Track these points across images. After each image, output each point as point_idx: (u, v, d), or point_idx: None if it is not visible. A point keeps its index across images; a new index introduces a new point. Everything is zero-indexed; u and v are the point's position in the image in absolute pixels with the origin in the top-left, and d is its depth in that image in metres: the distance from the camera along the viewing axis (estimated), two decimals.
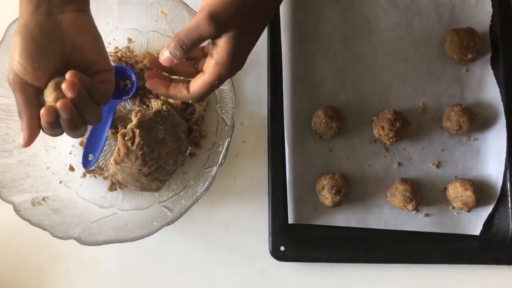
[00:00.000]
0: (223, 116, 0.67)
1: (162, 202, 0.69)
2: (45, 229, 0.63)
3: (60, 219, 0.65)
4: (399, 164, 0.69)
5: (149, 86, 0.55)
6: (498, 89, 0.68)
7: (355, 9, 0.72)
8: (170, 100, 0.68)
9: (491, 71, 0.69)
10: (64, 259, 0.71)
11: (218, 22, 0.48)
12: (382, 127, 0.66)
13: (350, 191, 0.68)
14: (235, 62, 0.51)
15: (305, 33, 0.71)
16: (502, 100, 0.68)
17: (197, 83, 0.52)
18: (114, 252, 0.70)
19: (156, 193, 0.69)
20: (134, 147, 0.62)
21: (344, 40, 0.71)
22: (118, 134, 0.62)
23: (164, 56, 0.51)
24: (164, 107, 0.66)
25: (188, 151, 0.70)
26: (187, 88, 0.53)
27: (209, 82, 0.51)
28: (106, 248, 0.66)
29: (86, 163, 0.71)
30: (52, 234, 0.62)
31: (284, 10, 0.71)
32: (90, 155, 0.71)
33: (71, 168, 0.72)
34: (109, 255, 0.71)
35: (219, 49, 0.49)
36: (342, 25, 0.71)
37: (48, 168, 0.71)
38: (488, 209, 0.67)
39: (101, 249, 0.65)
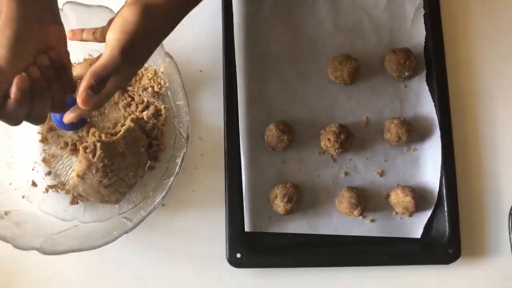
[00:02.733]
0: (180, 130, 0.71)
1: (122, 213, 0.71)
2: (7, 241, 0.65)
3: (22, 232, 0.67)
4: (346, 173, 0.74)
5: None
6: (433, 103, 0.74)
7: (303, 31, 0.77)
8: (133, 115, 0.72)
9: (427, 87, 0.75)
10: (27, 272, 0.73)
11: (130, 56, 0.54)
12: (329, 139, 0.71)
13: (301, 199, 0.72)
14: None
15: (257, 53, 0.76)
16: (436, 113, 0.73)
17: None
18: (76, 263, 0.72)
19: (117, 205, 0.72)
20: (95, 159, 0.64)
21: (293, 59, 0.76)
22: (80, 147, 0.65)
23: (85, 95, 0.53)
24: (131, 124, 0.69)
25: (148, 164, 0.73)
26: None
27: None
28: (69, 260, 0.68)
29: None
30: (14, 245, 0.64)
31: (237, 32, 0.75)
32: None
33: (34, 184, 0.73)
34: (72, 267, 0.73)
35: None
36: (291, 46, 0.77)
37: (10, 184, 0.72)
38: (428, 214, 0.72)
39: (64, 261, 0.68)
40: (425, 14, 0.76)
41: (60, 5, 0.68)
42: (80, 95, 0.53)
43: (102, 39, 0.58)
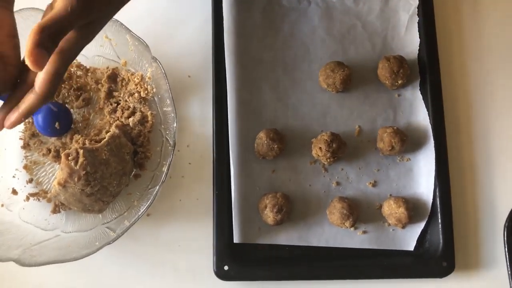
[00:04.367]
0: (167, 137, 0.69)
1: (105, 223, 0.69)
2: None
3: (0, 242, 0.64)
4: (338, 183, 0.72)
5: None
6: (426, 112, 0.72)
7: (295, 38, 0.75)
8: (118, 122, 0.70)
9: (420, 96, 0.73)
10: (5, 283, 0.70)
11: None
12: (320, 148, 0.69)
13: (291, 210, 0.70)
14: None
15: (249, 60, 0.74)
16: (430, 122, 0.72)
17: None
18: (57, 275, 0.70)
19: (100, 215, 0.69)
20: (78, 167, 0.62)
21: (285, 66, 0.74)
22: (62, 154, 0.63)
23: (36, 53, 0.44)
24: (116, 130, 0.67)
25: (133, 172, 0.71)
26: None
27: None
28: (49, 272, 0.66)
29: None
30: None
31: (228, 38, 0.74)
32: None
33: (14, 192, 0.71)
34: (52, 279, 0.70)
35: None
36: (283, 53, 0.75)
37: None
38: (421, 226, 0.70)
39: (44, 273, 0.65)
40: (419, 22, 0.75)
41: (43, 7, 0.66)
42: (29, 53, 0.43)
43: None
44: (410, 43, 0.75)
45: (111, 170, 0.65)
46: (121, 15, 0.67)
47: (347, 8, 0.77)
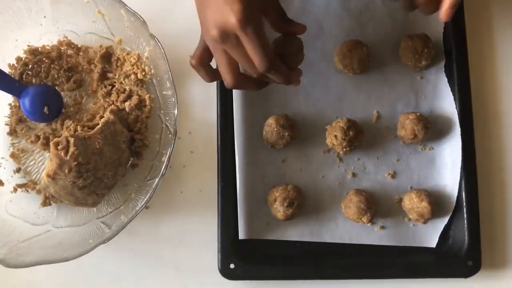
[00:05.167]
0: (167, 124, 0.64)
1: (100, 217, 0.64)
2: None
3: None
4: (354, 174, 0.67)
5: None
6: (452, 97, 0.67)
7: (308, 13, 0.70)
8: (113, 106, 0.64)
9: (445, 79, 0.68)
10: None
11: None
12: (335, 136, 0.64)
13: (303, 203, 0.65)
14: None
15: None
16: (456, 108, 0.67)
17: None
18: (50, 273, 0.65)
19: (94, 208, 0.64)
20: (68, 157, 0.57)
21: None
22: (50, 143, 0.57)
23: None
24: (111, 116, 0.62)
25: (130, 162, 0.66)
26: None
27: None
28: (41, 270, 0.61)
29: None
30: None
31: None
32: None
33: (0, 183, 0.66)
34: (43, 277, 0.66)
35: None
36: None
37: None
38: (444, 221, 0.66)
39: (35, 270, 0.60)
40: None
41: None
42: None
43: None
44: (435, 21, 0.69)
45: (106, 160, 0.60)
46: None
47: None
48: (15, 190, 0.66)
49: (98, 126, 0.60)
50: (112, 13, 0.65)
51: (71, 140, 0.57)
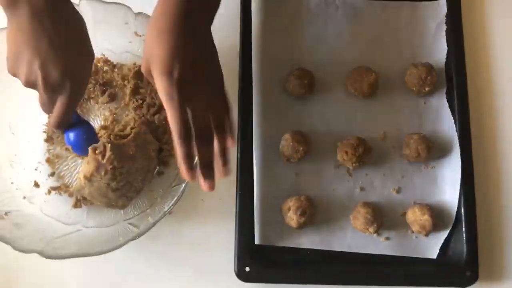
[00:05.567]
0: None
1: (127, 219, 0.68)
2: (6, 243, 0.61)
3: (22, 234, 0.64)
4: (362, 188, 0.71)
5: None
6: (453, 121, 0.72)
7: (321, 42, 0.75)
8: (144, 118, 0.69)
9: (447, 104, 0.73)
10: (26, 275, 0.70)
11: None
12: (346, 152, 0.69)
13: (315, 213, 0.69)
14: None
15: (275, 60, 0.74)
16: (456, 131, 0.72)
17: None
18: (76, 269, 0.69)
19: (122, 211, 0.69)
20: (105, 161, 0.62)
21: (310, 69, 0.74)
22: (89, 148, 0.62)
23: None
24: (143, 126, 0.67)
25: (156, 169, 0.70)
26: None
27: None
28: (68, 267, 0.65)
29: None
30: (13, 247, 0.61)
31: (255, 38, 0.74)
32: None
33: (36, 184, 0.71)
34: (72, 273, 0.70)
35: None
36: (309, 55, 0.75)
37: (12, 183, 0.70)
38: (444, 234, 0.69)
39: (63, 266, 0.65)
40: (447, 30, 0.75)
41: (76, 1, 0.66)
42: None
43: None
44: (437, 51, 0.75)
45: (137, 166, 0.65)
46: (151, 10, 0.68)
47: (375, 14, 0.77)
48: (49, 192, 0.70)
49: (131, 135, 0.65)
50: None
51: (108, 145, 0.62)
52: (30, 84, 0.57)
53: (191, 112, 0.53)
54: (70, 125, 0.63)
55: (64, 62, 0.55)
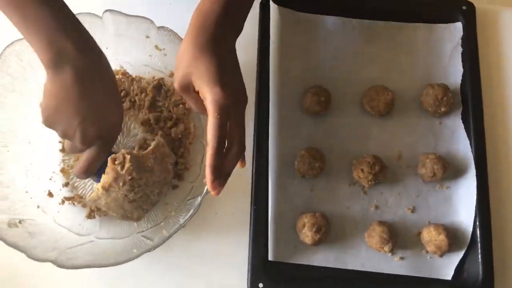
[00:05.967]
0: None
1: (140, 232, 0.68)
2: (20, 251, 0.61)
3: (35, 243, 0.63)
4: (376, 207, 0.71)
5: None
6: (468, 142, 0.72)
7: (337, 61, 0.76)
8: (161, 132, 0.70)
9: (462, 125, 0.73)
10: (38, 284, 0.69)
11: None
12: (362, 170, 0.69)
13: (329, 231, 0.69)
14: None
15: (292, 78, 0.75)
16: (472, 152, 0.72)
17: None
18: (88, 283, 0.69)
19: (135, 223, 0.69)
20: (123, 171, 0.62)
21: (327, 87, 0.75)
22: (109, 159, 0.62)
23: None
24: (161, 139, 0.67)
25: (171, 183, 0.70)
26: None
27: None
28: (78, 280, 0.65)
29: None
30: (28, 255, 0.60)
31: (274, 56, 0.75)
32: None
33: (50, 194, 0.70)
34: (82, 285, 0.69)
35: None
36: (326, 74, 0.76)
37: (26, 192, 0.69)
38: (459, 255, 0.69)
39: (75, 277, 0.64)
40: (463, 52, 0.76)
41: (99, 13, 0.67)
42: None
43: None
44: (453, 73, 0.76)
45: (155, 178, 0.65)
46: (174, 24, 0.68)
47: (391, 35, 0.78)
48: (63, 202, 0.70)
49: (150, 147, 0.65)
50: (169, 49, 0.71)
51: (127, 156, 0.62)
52: (67, 137, 0.60)
53: (229, 126, 0.55)
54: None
55: (101, 120, 0.59)
